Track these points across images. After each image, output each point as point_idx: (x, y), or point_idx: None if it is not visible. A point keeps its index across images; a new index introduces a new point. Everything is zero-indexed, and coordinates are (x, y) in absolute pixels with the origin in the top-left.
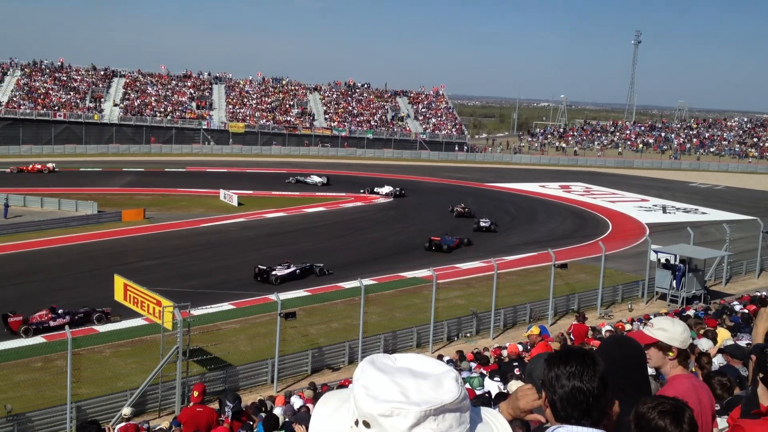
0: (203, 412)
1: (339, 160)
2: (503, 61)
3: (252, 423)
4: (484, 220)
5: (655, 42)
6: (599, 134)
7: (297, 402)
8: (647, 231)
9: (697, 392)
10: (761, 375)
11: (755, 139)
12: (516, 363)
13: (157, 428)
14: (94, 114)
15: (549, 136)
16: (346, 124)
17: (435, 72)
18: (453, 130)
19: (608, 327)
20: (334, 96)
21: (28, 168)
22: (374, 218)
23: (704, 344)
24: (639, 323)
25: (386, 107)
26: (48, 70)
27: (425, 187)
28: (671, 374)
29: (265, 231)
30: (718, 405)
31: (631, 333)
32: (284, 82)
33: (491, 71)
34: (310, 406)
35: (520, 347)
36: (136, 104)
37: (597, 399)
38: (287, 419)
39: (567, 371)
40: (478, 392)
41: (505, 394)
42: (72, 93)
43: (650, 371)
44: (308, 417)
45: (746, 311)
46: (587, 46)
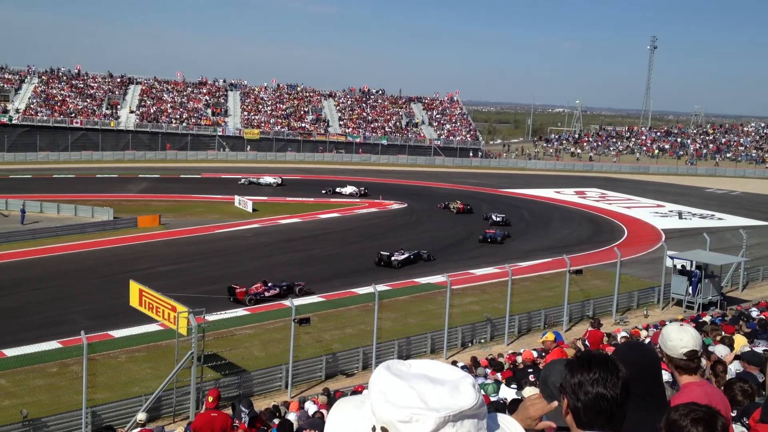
0: (218, 418)
1: (353, 167)
2: (518, 67)
3: (267, 429)
4: (497, 215)
5: (671, 47)
6: (615, 140)
7: (311, 408)
8: (663, 237)
9: (711, 399)
10: None
11: None
12: (531, 369)
13: None
14: (111, 121)
15: (564, 142)
16: (361, 131)
17: (449, 78)
18: (467, 136)
19: (624, 333)
20: (349, 102)
21: None
22: (388, 224)
23: (721, 351)
24: (655, 329)
25: (401, 113)
26: (65, 78)
27: (440, 193)
28: (683, 382)
29: (280, 237)
30: (734, 412)
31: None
32: (299, 89)
33: (506, 77)
34: (324, 412)
35: (535, 353)
36: (152, 111)
37: (620, 406)
38: (301, 425)
39: (591, 378)
40: (493, 399)
41: (520, 401)
42: (89, 100)
43: (666, 377)
44: (322, 423)
45: (763, 317)
46: (602, 52)
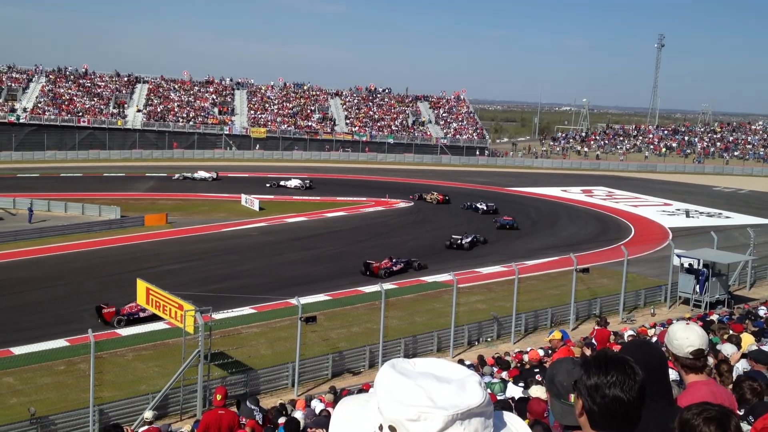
0: (225, 415)
1: (359, 165)
2: (525, 66)
3: (273, 427)
4: (480, 204)
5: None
6: (622, 138)
7: (318, 406)
8: (670, 235)
9: (716, 398)
10: None
11: None
12: (537, 369)
13: (179, 431)
14: (118, 120)
15: (571, 141)
16: (367, 129)
17: (456, 77)
18: (474, 135)
19: (630, 332)
20: (355, 101)
21: None
22: (394, 223)
23: (728, 349)
24: (662, 328)
25: (407, 112)
26: (72, 77)
27: (446, 192)
28: (690, 381)
29: (286, 235)
30: (742, 410)
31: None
32: (305, 88)
33: (512, 75)
34: (331, 410)
35: (542, 352)
36: (159, 110)
37: (637, 409)
38: (307, 423)
39: (608, 381)
40: (500, 398)
41: (527, 399)
42: (96, 99)
43: (673, 376)
44: (328, 421)
45: None
46: (609, 50)
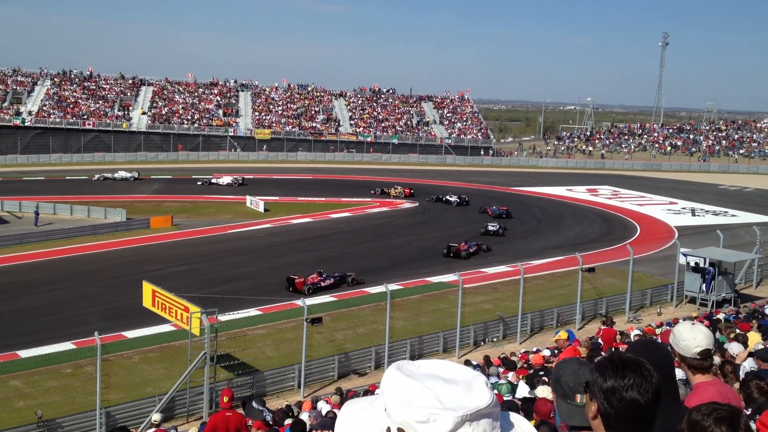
0: (233, 417)
1: (364, 166)
2: (529, 65)
3: (280, 428)
4: (451, 196)
5: (683, 43)
6: (627, 137)
7: (324, 407)
8: (676, 234)
9: (724, 398)
10: None
11: None
12: (541, 372)
13: None
14: (123, 122)
15: (576, 140)
16: (372, 130)
17: (460, 77)
18: (478, 135)
19: (637, 331)
20: (360, 102)
21: None
22: (399, 223)
23: (735, 348)
24: (668, 327)
25: (411, 112)
26: (77, 80)
27: (450, 192)
28: (696, 381)
29: (292, 237)
30: (749, 410)
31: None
32: (310, 89)
33: (517, 75)
34: (337, 412)
35: (548, 352)
36: (164, 112)
37: (652, 411)
38: (313, 425)
39: (625, 384)
40: (506, 398)
41: (532, 400)
42: (101, 102)
43: (680, 375)
44: (334, 423)
45: None
46: (614, 49)
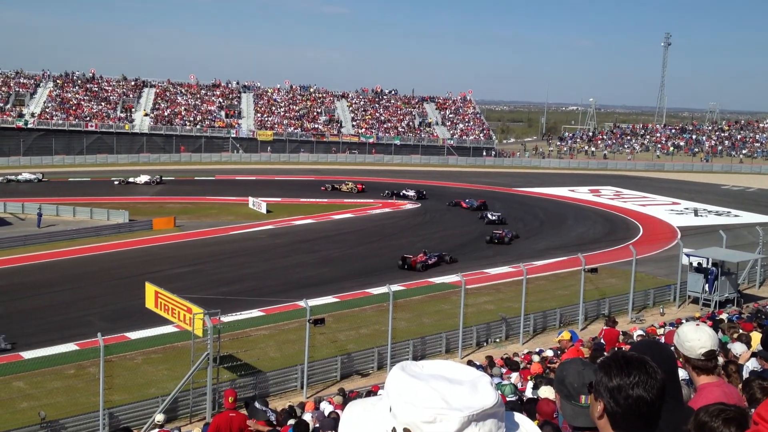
0: (236, 418)
1: (366, 167)
2: (531, 66)
3: (280, 429)
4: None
5: (686, 44)
6: (629, 138)
7: (327, 408)
8: (679, 234)
9: (729, 400)
10: None
11: None
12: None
13: None
14: (125, 124)
15: (578, 140)
16: (374, 131)
17: (462, 78)
18: (481, 136)
19: (640, 332)
20: (362, 103)
21: None
22: (401, 224)
23: (738, 348)
24: (671, 328)
25: (413, 113)
26: (79, 82)
27: (452, 193)
28: (700, 382)
29: (294, 238)
30: (751, 410)
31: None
32: (312, 90)
33: (519, 76)
34: (340, 412)
35: (551, 352)
36: (166, 114)
37: (658, 409)
38: (317, 425)
39: (631, 381)
40: (510, 399)
41: (535, 400)
42: (103, 103)
43: (682, 375)
44: (337, 424)
45: None
46: (616, 49)
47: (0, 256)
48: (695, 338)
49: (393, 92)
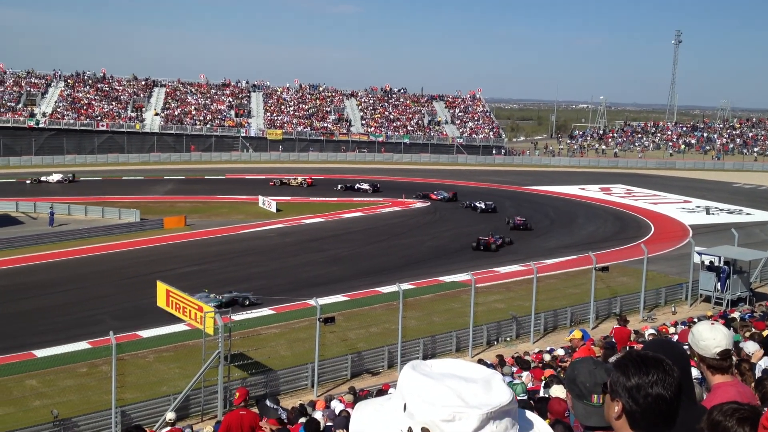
0: (246, 416)
1: (375, 166)
2: (541, 64)
3: (289, 429)
4: (362, 184)
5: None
6: (640, 135)
7: (338, 406)
8: (690, 233)
9: (743, 399)
10: None
11: None
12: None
13: None
14: (136, 123)
15: (588, 138)
16: (383, 130)
17: (471, 76)
18: (490, 134)
19: (651, 330)
20: (371, 102)
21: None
22: (411, 223)
23: (750, 347)
24: (683, 326)
25: (423, 112)
26: (90, 81)
27: (462, 191)
28: (715, 382)
29: (303, 237)
30: (764, 409)
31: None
32: (321, 89)
33: (529, 74)
34: (351, 411)
35: (562, 351)
36: (177, 113)
37: (677, 407)
38: (328, 423)
39: (649, 380)
40: (521, 398)
41: (546, 399)
42: (114, 103)
43: (695, 374)
44: (346, 422)
45: None
46: (626, 47)
47: (12, 255)
48: (710, 337)
49: (402, 91)
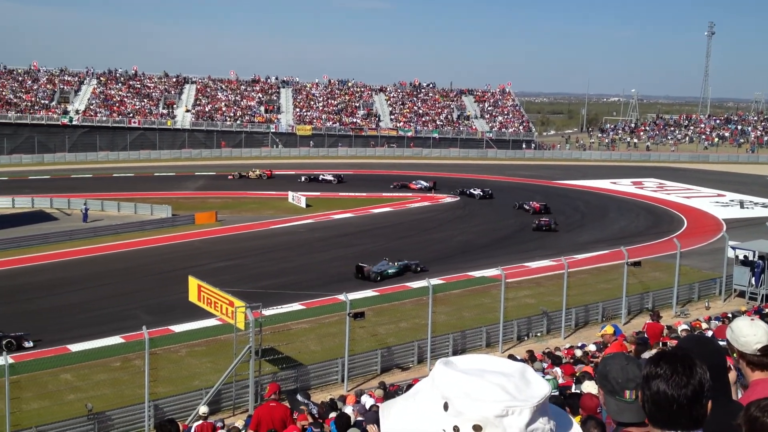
0: (276, 408)
1: (405, 161)
2: (571, 57)
3: (324, 421)
4: (326, 175)
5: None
6: (672, 129)
7: (368, 401)
8: (724, 227)
9: None
10: None
11: None
12: (580, 379)
13: (232, 426)
14: (167, 120)
15: (620, 132)
16: (412, 125)
17: (501, 69)
18: (520, 128)
19: (684, 326)
20: (400, 96)
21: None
22: (440, 218)
23: None
24: (717, 322)
25: (452, 106)
26: (122, 79)
27: (491, 186)
28: (753, 378)
29: (333, 232)
30: None
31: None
32: (350, 84)
33: (559, 67)
34: (381, 405)
35: (593, 347)
36: (207, 110)
37: (683, 408)
38: (359, 418)
39: (656, 373)
40: (552, 394)
41: (578, 395)
42: (146, 100)
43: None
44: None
45: None
46: (658, 39)
47: (47, 251)
48: (751, 333)
49: (431, 85)
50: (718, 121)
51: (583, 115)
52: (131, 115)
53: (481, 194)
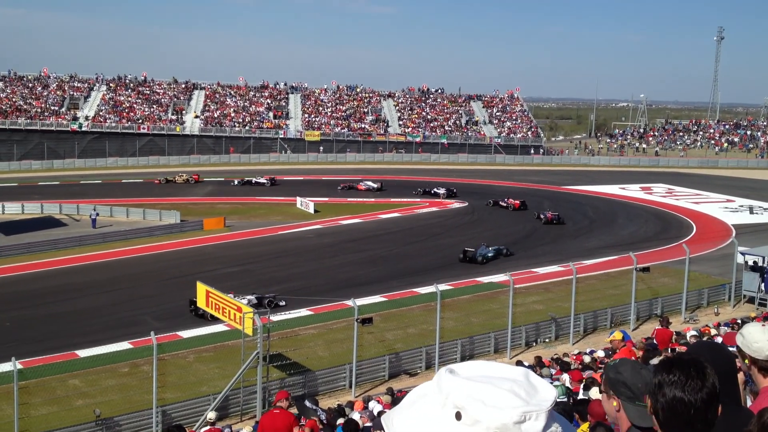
0: (280, 415)
1: (413, 166)
2: (580, 62)
3: (332, 427)
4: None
5: (739, 37)
6: (681, 134)
7: (376, 407)
8: (733, 232)
9: None
10: None
11: None
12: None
13: None
14: (176, 126)
15: (629, 137)
16: (420, 130)
17: (509, 75)
18: (528, 134)
19: (693, 332)
20: (408, 102)
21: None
22: (449, 223)
23: None
24: (726, 327)
25: (460, 112)
26: (132, 85)
27: (500, 191)
28: (764, 384)
29: (341, 237)
30: None
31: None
32: (358, 90)
33: (567, 72)
34: (382, 417)
35: (602, 353)
36: (216, 115)
37: (700, 412)
38: (367, 424)
39: (670, 380)
40: (560, 400)
41: (586, 401)
42: (155, 106)
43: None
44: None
45: None
46: (667, 44)
47: (56, 257)
48: (763, 339)
49: (439, 91)
50: (728, 126)
51: (592, 121)
52: (140, 121)
53: (443, 193)
